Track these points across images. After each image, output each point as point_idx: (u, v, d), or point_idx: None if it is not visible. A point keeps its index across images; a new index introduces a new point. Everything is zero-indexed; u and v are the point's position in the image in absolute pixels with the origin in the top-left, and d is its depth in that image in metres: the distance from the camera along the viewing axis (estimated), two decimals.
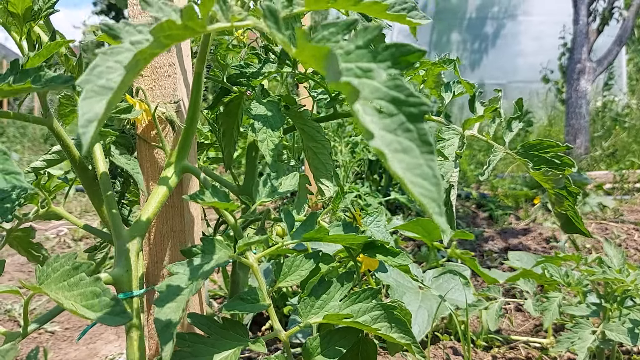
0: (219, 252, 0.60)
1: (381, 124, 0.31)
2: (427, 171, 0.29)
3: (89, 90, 0.34)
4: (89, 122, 0.33)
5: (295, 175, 0.71)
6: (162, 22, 0.36)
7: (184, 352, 0.60)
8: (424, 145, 0.30)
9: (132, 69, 0.36)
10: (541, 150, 0.78)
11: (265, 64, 0.80)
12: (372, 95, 0.32)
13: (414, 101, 0.31)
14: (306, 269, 0.69)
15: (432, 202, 0.29)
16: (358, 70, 0.33)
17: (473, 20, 7.73)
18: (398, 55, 0.33)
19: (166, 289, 0.53)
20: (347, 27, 0.35)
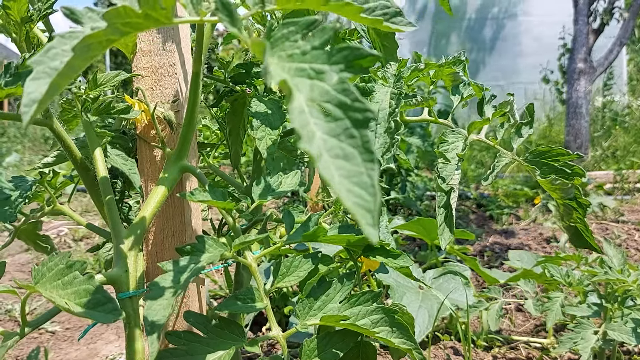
0: (211, 251, 0.60)
1: (326, 128, 0.30)
2: (366, 180, 0.29)
3: (39, 71, 0.34)
4: (32, 102, 0.33)
5: (296, 174, 0.70)
6: (117, 7, 0.36)
7: (180, 350, 0.60)
8: (366, 152, 0.30)
9: (82, 53, 0.35)
10: (550, 157, 0.75)
11: None
12: (321, 98, 0.31)
13: (359, 107, 0.31)
14: (305, 270, 0.69)
15: (366, 213, 0.28)
16: (311, 72, 0.33)
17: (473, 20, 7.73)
18: (351, 59, 0.33)
19: (155, 287, 0.53)
20: (306, 27, 0.35)
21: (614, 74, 6.50)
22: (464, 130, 0.81)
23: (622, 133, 5.25)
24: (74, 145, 0.77)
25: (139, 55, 0.72)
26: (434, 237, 1.72)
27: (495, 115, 0.82)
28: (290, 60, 0.33)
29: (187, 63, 0.77)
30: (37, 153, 7.20)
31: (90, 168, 0.78)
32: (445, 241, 0.74)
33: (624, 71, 7.27)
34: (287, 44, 0.34)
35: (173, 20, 0.39)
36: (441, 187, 0.75)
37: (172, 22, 0.39)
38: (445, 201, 0.76)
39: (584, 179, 0.73)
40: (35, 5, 0.67)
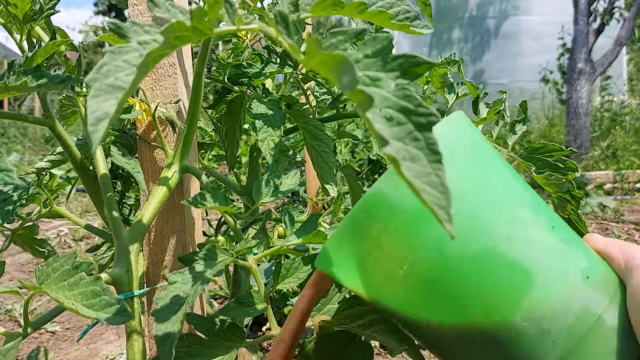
0: (218, 259, 0.61)
1: (390, 132, 0.31)
2: (435, 180, 0.30)
3: (97, 89, 0.34)
4: (98, 120, 0.33)
5: (296, 174, 0.70)
6: (172, 23, 0.37)
7: (181, 352, 0.60)
8: (432, 154, 0.31)
9: (143, 69, 0.36)
10: (544, 153, 0.77)
11: (267, 65, 0.80)
12: (381, 104, 0.33)
13: (422, 111, 0.32)
14: (305, 272, 0.69)
15: (441, 210, 0.29)
16: (366, 79, 0.34)
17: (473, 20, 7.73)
18: (407, 66, 0.34)
19: (164, 299, 0.54)
20: (355, 36, 0.35)
21: (614, 74, 6.51)
22: None
23: (622, 133, 5.26)
24: (73, 145, 0.77)
25: None
26: None
27: (490, 114, 0.83)
28: None
29: (187, 63, 0.77)
30: (37, 153, 7.20)
31: (89, 168, 0.78)
32: None
33: (624, 71, 7.28)
34: (338, 53, 0.35)
35: (214, 30, 0.40)
36: None
37: (214, 32, 0.40)
38: None
39: (577, 173, 0.74)
40: (38, 5, 0.67)
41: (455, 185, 0.40)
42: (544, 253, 0.43)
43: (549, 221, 0.45)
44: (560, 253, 0.43)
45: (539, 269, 0.42)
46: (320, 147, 0.80)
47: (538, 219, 0.44)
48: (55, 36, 0.70)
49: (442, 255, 0.42)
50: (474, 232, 0.42)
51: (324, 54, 0.33)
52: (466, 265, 0.42)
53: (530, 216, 0.44)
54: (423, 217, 0.43)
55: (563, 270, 0.42)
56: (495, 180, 0.46)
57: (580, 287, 0.42)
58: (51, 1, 0.67)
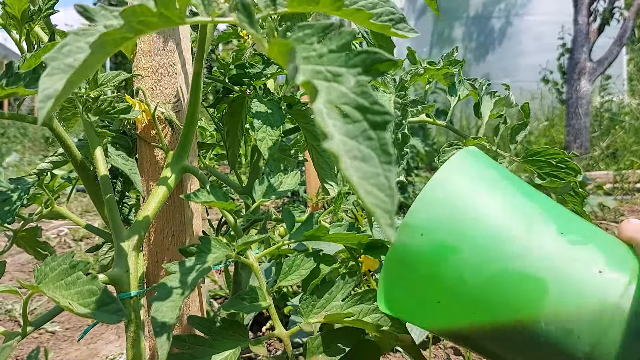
0: (216, 252, 0.60)
1: (344, 129, 0.31)
2: (383, 181, 0.29)
3: (54, 67, 0.34)
4: (47, 98, 0.33)
5: (296, 174, 0.70)
6: (134, 5, 0.36)
7: (185, 354, 0.60)
8: (384, 154, 0.30)
9: (98, 50, 0.36)
10: (547, 156, 0.77)
11: (268, 65, 0.80)
12: (339, 100, 0.32)
13: (378, 109, 0.31)
14: (306, 269, 0.69)
15: (384, 213, 0.28)
16: (328, 74, 0.33)
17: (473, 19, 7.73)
18: (369, 63, 0.33)
19: (162, 288, 0.53)
20: (323, 30, 0.35)
21: (614, 74, 6.50)
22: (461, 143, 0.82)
23: (622, 133, 5.26)
24: (73, 145, 0.77)
25: (139, 55, 0.72)
26: None
27: (491, 117, 0.83)
28: (306, 62, 0.34)
29: (187, 63, 0.77)
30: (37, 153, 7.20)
31: (89, 168, 0.78)
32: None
33: (624, 71, 7.28)
34: (303, 46, 0.34)
35: (185, 20, 0.39)
36: None
37: (185, 21, 0.39)
38: None
39: (579, 176, 0.75)
40: (36, 5, 0.67)
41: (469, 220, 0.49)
42: (554, 261, 0.47)
43: (558, 227, 0.49)
44: (569, 256, 0.47)
45: (551, 277, 0.46)
46: (321, 147, 0.80)
47: (547, 228, 0.49)
48: (55, 37, 0.70)
49: (463, 283, 0.48)
50: (487, 257, 0.48)
51: (279, 42, 0.33)
52: (485, 287, 0.48)
53: (539, 228, 0.49)
54: (439, 257, 0.49)
55: (574, 273, 0.46)
56: (503, 203, 0.51)
57: (593, 282, 0.45)
58: (50, 1, 0.67)
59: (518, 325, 0.47)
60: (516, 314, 0.47)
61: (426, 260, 0.50)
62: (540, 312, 0.46)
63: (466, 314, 0.49)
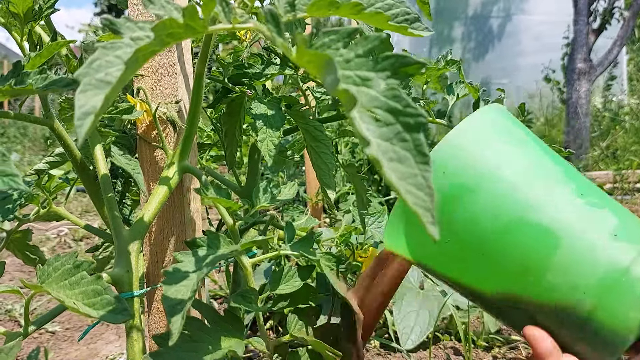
0: (223, 247, 0.60)
1: (378, 133, 0.31)
2: (421, 181, 0.30)
3: (86, 84, 0.34)
4: (85, 114, 0.33)
5: (294, 185, 0.71)
6: (164, 19, 0.36)
7: (184, 335, 0.60)
8: (420, 155, 0.31)
9: (132, 65, 0.36)
10: None
11: (268, 66, 0.80)
12: (370, 104, 0.32)
13: (411, 112, 0.32)
14: (299, 282, 0.70)
15: (426, 212, 0.29)
16: (357, 79, 0.34)
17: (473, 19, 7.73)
18: (398, 66, 0.33)
19: (174, 272, 0.52)
20: (348, 35, 0.35)
21: (614, 74, 6.50)
22: None
23: (622, 133, 5.26)
24: (73, 145, 0.77)
25: None
26: None
27: None
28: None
29: (188, 63, 0.77)
30: (37, 153, 7.20)
31: (89, 168, 0.78)
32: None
33: (624, 71, 7.28)
34: (329, 52, 0.35)
35: (209, 29, 0.39)
36: None
37: (208, 30, 0.40)
38: None
39: None
40: (38, 4, 0.67)
41: (491, 166, 0.49)
42: (570, 218, 0.48)
43: (577, 189, 0.50)
44: (585, 215, 0.48)
45: (565, 231, 0.47)
46: (319, 148, 0.80)
47: (566, 187, 0.50)
48: (56, 37, 0.70)
49: (476, 225, 0.49)
50: (504, 204, 0.49)
51: (311, 52, 0.33)
52: (498, 234, 0.48)
53: (559, 186, 0.50)
54: (457, 198, 0.50)
55: (588, 230, 0.47)
56: (526, 156, 0.52)
57: (607, 244, 0.47)
58: (50, 0, 0.67)
59: (524, 274, 0.47)
60: (525, 263, 0.47)
61: (444, 199, 0.50)
62: (550, 265, 0.47)
63: (472, 257, 0.50)
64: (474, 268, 0.50)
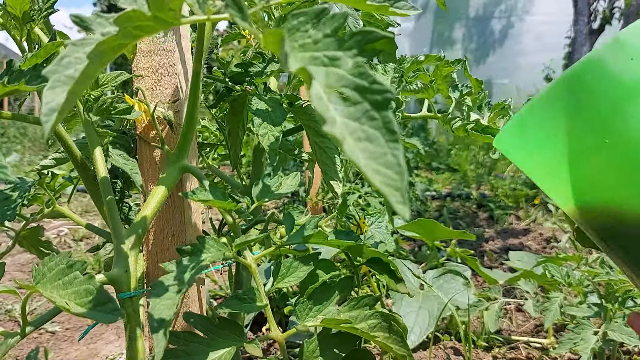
0: (212, 251, 0.60)
1: (345, 112, 0.31)
2: (391, 159, 0.29)
3: (55, 80, 0.34)
4: (51, 111, 0.33)
5: (296, 175, 0.70)
6: (127, 11, 0.36)
7: (179, 351, 0.60)
8: (389, 133, 0.30)
9: (96, 59, 0.36)
10: None
11: (269, 63, 0.80)
12: (338, 84, 0.32)
13: (378, 88, 0.31)
14: (304, 271, 0.69)
15: (395, 191, 0.28)
16: (325, 59, 0.33)
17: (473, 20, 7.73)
18: (364, 43, 0.33)
19: (159, 286, 0.53)
20: (316, 16, 0.35)
21: None
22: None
23: None
24: (74, 145, 0.77)
25: (138, 55, 0.72)
26: (434, 237, 1.72)
27: (493, 111, 0.83)
28: (302, 50, 0.34)
29: (187, 63, 0.77)
30: (37, 153, 7.20)
31: (90, 168, 0.78)
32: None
33: None
34: (298, 35, 0.34)
35: (181, 20, 0.39)
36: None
37: (180, 22, 0.39)
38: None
39: None
40: (36, 5, 0.67)
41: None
42: None
43: None
44: None
45: None
46: (324, 143, 0.80)
47: None
48: (55, 36, 0.70)
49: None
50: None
51: (272, 31, 0.33)
52: None
53: None
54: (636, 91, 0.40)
55: None
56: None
57: None
58: (49, 1, 0.67)
59: None
60: None
61: (623, 93, 0.41)
62: None
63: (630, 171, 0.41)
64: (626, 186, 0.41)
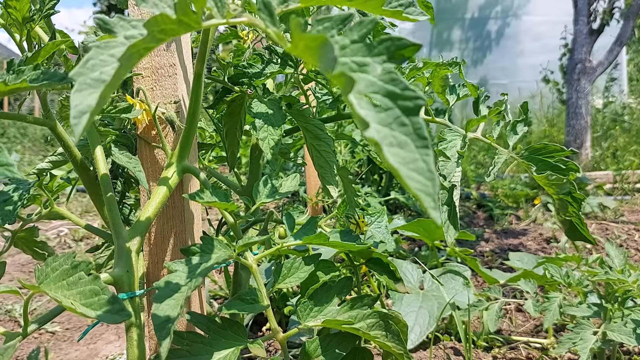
0: (218, 251, 0.60)
1: (377, 118, 0.31)
2: (422, 165, 0.29)
3: (81, 83, 0.34)
4: (81, 113, 0.33)
5: (296, 176, 0.70)
6: (155, 15, 0.36)
7: (182, 351, 0.60)
8: (419, 139, 0.30)
9: (126, 63, 0.36)
10: (545, 154, 0.77)
11: (268, 65, 0.80)
12: (368, 89, 0.32)
13: (409, 95, 0.31)
14: (305, 271, 0.69)
15: (427, 197, 0.29)
16: (353, 65, 0.33)
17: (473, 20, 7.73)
18: (393, 49, 0.33)
19: (165, 285, 0.53)
20: (342, 22, 0.35)
21: (614, 74, 6.50)
22: (462, 129, 0.82)
23: (622, 133, 5.25)
24: (73, 145, 0.77)
25: None
26: (434, 237, 1.72)
27: (491, 114, 0.83)
28: None
29: (188, 63, 0.77)
30: (37, 153, 7.20)
31: (90, 168, 0.78)
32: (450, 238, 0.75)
33: (624, 71, 7.27)
34: (317, 34, 0.34)
35: (202, 24, 0.39)
36: (443, 184, 0.77)
37: (202, 25, 0.39)
38: (447, 199, 0.77)
39: (578, 174, 0.75)
40: (37, 5, 0.67)
41: None
42: None
43: None
44: None
45: None
46: (321, 146, 0.80)
47: None
48: (55, 36, 0.70)
49: None
50: None
51: (307, 36, 0.33)
52: None
53: None
54: None
55: None
56: None
57: None
58: (51, 1, 0.67)
59: None
60: None
61: None
62: None
63: None
64: None
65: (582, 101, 4.69)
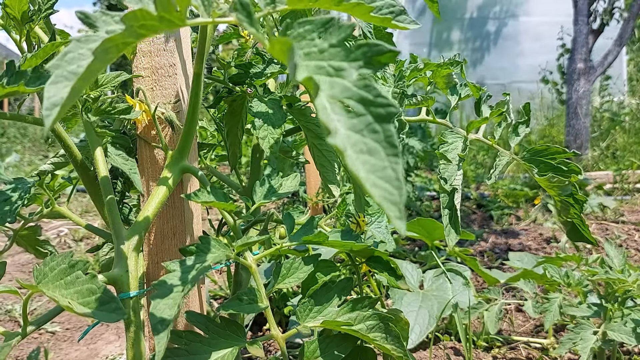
0: (216, 252, 0.60)
1: (348, 124, 0.31)
2: (390, 174, 0.29)
3: (58, 75, 0.34)
4: (53, 105, 0.34)
5: (296, 176, 0.70)
6: (134, 10, 0.36)
7: (180, 350, 0.60)
8: (390, 147, 0.30)
9: (101, 56, 0.36)
10: (547, 156, 0.77)
11: (269, 65, 0.80)
12: (342, 95, 0.32)
13: (381, 102, 0.31)
14: (305, 272, 0.69)
15: (392, 206, 0.28)
16: (330, 69, 0.33)
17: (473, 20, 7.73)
18: (370, 55, 0.33)
19: (162, 285, 0.54)
20: (322, 25, 0.35)
21: (614, 74, 6.50)
22: (463, 130, 0.82)
23: (622, 133, 5.25)
24: (74, 145, 0.77)
25: (139, 55, 0.72)
26: (434, 237, 1.72)
27: (492, 115, 0.83)
28: (307, 58, 0.34)
29: (187, 63, 0.77)
30: (37, 153, 7.20)
31: (90, 168, 0.78)
32: (452, 242, 0.75)
33: (624, 71, 7.27)
34: (304, 43, 0.34)
35: (186, 22, 0.39)
36: (444, 188, 0.76)
37: (186, 23, 0.39)
38: (448, 202, 0.76)
39: (580, 176, 0.74)
40: (36, 5, 0.67)
41: None
42: None
43: None
44: None
45: None
46: (322, 145, 0.80)
47: None
48: (55, 37, 0.70)
49: None
50: None
51: (279, 39, 0.33)
52: None
53: None
54: None
55: None
56: None
57: None
58: (49, 1, 0.67)
59: None
60: None
61: None
62: None
63: None
64: None
65: (582, 101, 4.69)
